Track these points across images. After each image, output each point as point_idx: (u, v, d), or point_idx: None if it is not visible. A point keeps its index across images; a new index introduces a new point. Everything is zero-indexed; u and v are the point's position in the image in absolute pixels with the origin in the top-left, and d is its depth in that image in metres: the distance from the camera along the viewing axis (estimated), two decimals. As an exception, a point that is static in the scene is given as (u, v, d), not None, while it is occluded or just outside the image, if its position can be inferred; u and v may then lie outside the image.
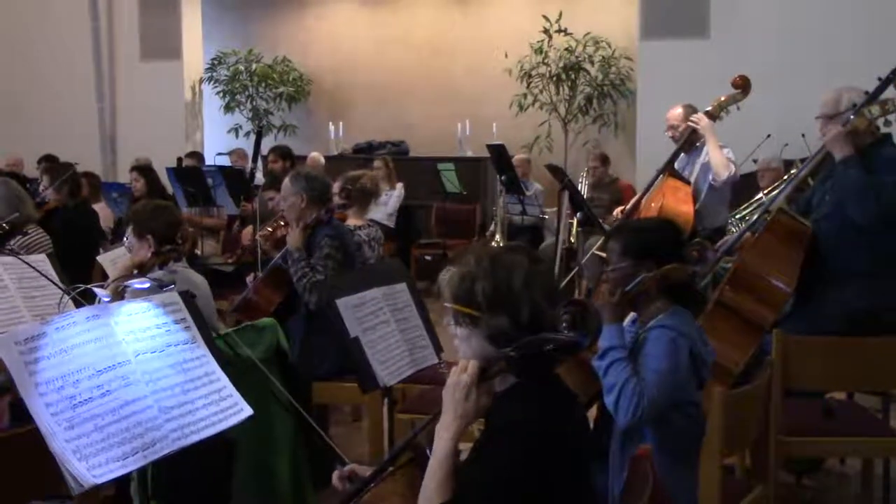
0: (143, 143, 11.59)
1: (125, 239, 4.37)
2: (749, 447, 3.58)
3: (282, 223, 5.21)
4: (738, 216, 6.47)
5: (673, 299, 3.10)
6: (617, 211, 6.59)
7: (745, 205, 6.63)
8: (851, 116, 4.34)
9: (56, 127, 12.10)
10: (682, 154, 6.07)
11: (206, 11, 12.82)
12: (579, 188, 8.58)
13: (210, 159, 10.99)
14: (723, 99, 5.83)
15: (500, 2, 12.56)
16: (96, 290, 3.89)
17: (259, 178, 9.01)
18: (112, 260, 5.18)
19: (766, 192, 6.82)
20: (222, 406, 2.64)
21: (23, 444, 2.56)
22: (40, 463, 2.32)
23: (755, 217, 4.85)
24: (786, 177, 6.67)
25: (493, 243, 8.63)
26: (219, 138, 12.95)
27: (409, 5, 13.00)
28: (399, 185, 10.02)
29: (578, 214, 6.26)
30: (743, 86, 5.79)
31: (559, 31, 11.21)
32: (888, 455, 4.21)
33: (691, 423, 3.04)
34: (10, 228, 5.55)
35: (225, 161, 10.64)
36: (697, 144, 5.98)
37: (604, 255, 5.88)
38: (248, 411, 2.69)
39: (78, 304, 3.58)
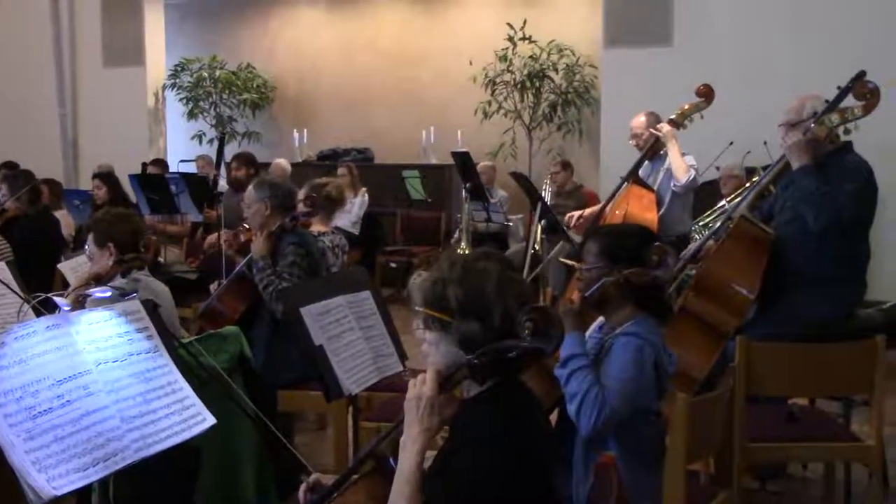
0: (105, 149, 11.48)
1: (86, 247, 4.32)
2: (713, 453, 3.60)
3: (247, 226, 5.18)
4: (701, 223, 6.52)
5: (641, 307, 3.10)
6: (575, 215, 6.60)
7: (709, 212, 6.68)
8: (812, 124, 4.38)
9: (17, 133, 11.96)
10: (647, 162, 6.13)
11: (169, 18, 12.73)
12: (543, 195, 8.60)
13: (173, 166, 10.90)
14: (686, 107, 5.88)
15: (465, 9, 12.58)
16: (57, 299, 3.86)
17: (222, 184, 8.96)
18: (73, 268, 5.13)
19: (728, 199, 6.87)
20: (185, 416, 2.62)
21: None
22: (-1, 475, 2.28)
23: (718, 224, 4.88)
24: (748, 184, 6.72)
25: (458, 250, 8.63)
26: (182, 145, 12.86)
27: (374, 12, 12.99)
28: (362, 192, 10.00)
29: (543, 221, 6.26)
30: (707, 94, 5.84)
31: (523, 38, 11.23)
32: (849, 459, 4.24)
33: (653, 430, 3.05)
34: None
35: (189, 168, 10.57)
36: (661, 152, 6.03)
37: (569, 262, 5.91)
38: (211, 421, 2.66)
39: (38, 313, 3.54)
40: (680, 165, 5.85)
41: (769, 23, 8.86)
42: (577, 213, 6.63)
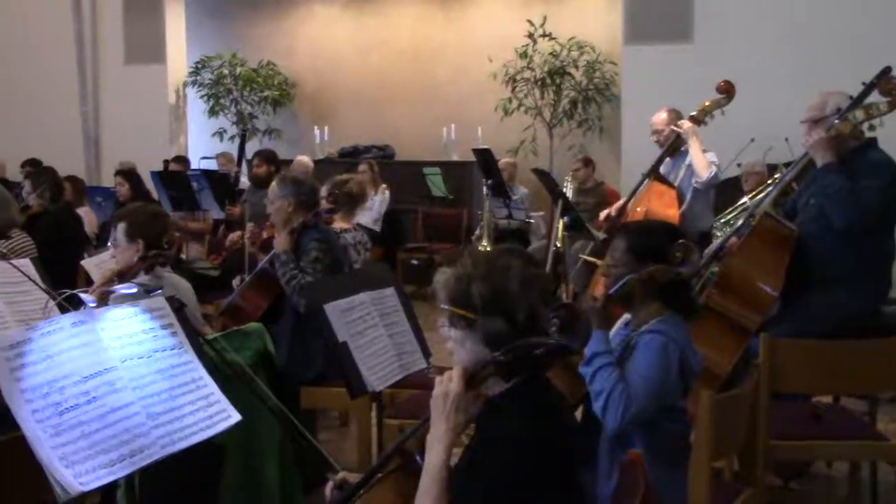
0: (127, 146, 11.55)
1: (112, 239, 4.30)
2: (737, 451, 3.58)
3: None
4: (722, 220, 6.48)
5: (666, 304, 3.09)
6: (604, 214, 6.57)
7: (730, 209, 6.63)
8: (836, 121, 4.35)
9: (40, 130, 12.04)
10: (668, 158, 6.10)
11: (189, 15, 12.77)
12: (564, 192, 8.58)
13: (195, 163, 10.94)
14: (707, 104, 5.86)
15: (484, 6, 12.55)
16: (82, 295, 3.87)
17: (244, 181, 8.99)
18: (96, 264, 5.15)
19: (750, 196, 6.83)
20: (210, 412, 2.62)
21: (8, 452, 2.54)
22: (27, 470, 2.29)
23: (740, 221, 4.86)
24: (769, 181, 6.68)
25: (479, 247, 8.62)
26: (203, 142, 12.91)
27: (393, 9, 12.98)
28: (383, 189, 10.00)
29: (565, 218, 6.25)
30: (727, 91, 5.81)
31: (544, 35, 11.21)
32: (875, 458, 4.21)
33: (678, 427, 3.04)
34: (-6, 233, 5.51)
35: (210, 165, 10.60)
36: (682, 149, 6.01)
37: (592, 259, 5.88)
38: (235, 417, 2.67)
39: (63, 310, 3.56)
40: (701, 162, 5.83)
41: (790, 19, 8.81)
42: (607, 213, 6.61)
